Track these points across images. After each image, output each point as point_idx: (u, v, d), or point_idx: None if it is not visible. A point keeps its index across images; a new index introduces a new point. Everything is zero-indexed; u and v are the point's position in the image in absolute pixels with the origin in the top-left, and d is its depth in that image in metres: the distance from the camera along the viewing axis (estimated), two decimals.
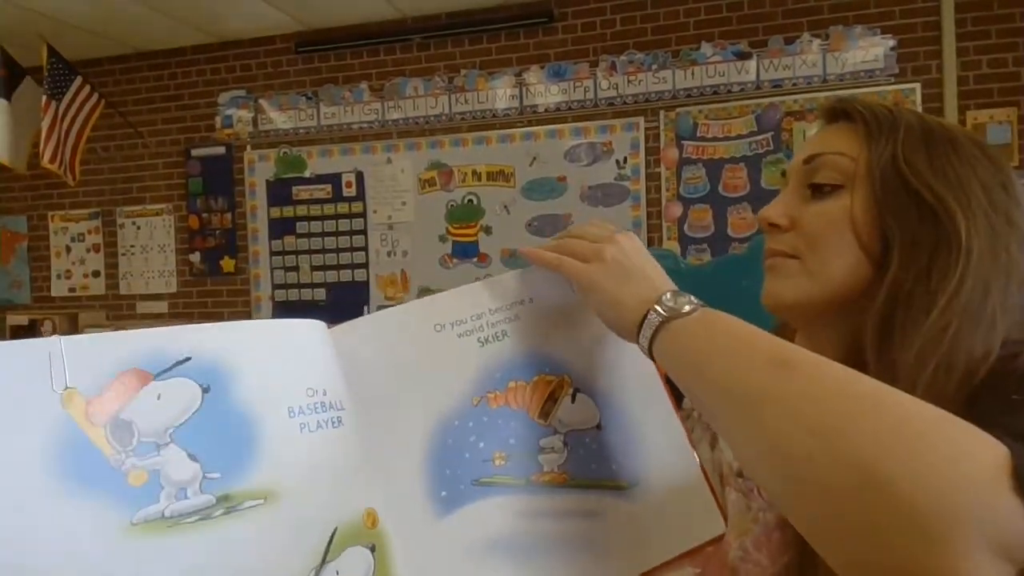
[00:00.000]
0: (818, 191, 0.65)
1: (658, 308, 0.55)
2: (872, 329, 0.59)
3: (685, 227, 3.83)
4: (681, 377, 0.54)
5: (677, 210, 3.83)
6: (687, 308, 0.54)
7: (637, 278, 0.57)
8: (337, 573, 0.50)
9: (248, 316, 4.39)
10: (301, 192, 4.36)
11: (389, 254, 4.24)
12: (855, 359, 0.58)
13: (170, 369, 0.47)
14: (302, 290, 4.34)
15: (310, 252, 4.32)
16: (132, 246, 4.64)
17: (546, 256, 0.62)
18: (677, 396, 0.73)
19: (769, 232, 0.68)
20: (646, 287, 0.57)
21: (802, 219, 0.65)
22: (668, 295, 0.56)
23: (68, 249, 4.78)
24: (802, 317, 0.68)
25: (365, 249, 4.27)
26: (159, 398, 0.46)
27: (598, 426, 0.63)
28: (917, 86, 3.50)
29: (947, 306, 0.57)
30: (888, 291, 0.59)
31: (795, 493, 0.45)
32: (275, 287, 4.37)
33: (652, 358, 0.56)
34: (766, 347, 0.49)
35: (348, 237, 4.28)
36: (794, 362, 0.47)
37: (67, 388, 0.43)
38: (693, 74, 3.79)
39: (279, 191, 4.39)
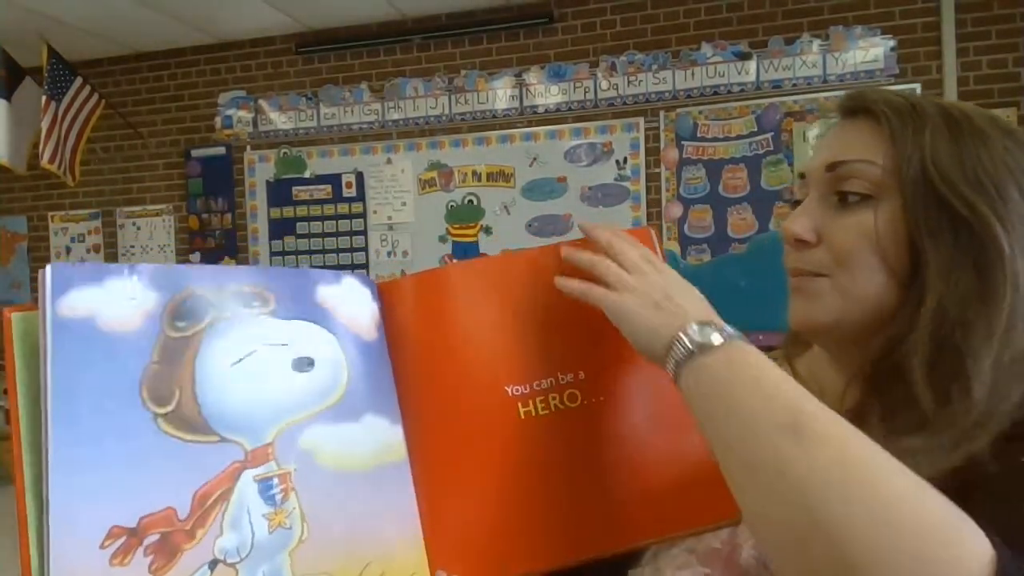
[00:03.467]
0: (845, 200, 0.61)
1: (683, 339, 0.54)
2: (922, 361, 0.55)
3: (685, 227, 3.83)
4: (697, 417, 0.54)
5: (677, 210, 3.83)
6: (716, 340, 0.53)
7: (669, 307, 0.56)
8: None
9: None
10: (301, 192, 4.36)
11: (389, 254, 4.24)
12: (873, 383, 0.58)
13: None
14: None
15: (310, 252, 4.32)
16: (132, 247, 4.64)
17: (571, 284, 0.61)
18: None
19: (795, 248, 0.63)
20: (678, 315, 0.55)
21: (831, 233, 0.61)
22: (695, 326, 0.54)
23: (68, 250, 4.78)
24: (833, 340, 0.65)
25: (365, 249, 4.27)
26: None
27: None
28: (917, 86, 3.50)
29: (1005, 338, 0.54)
30: (934, 317, 0.55)
31: (778, 561, 0.49)
32: None
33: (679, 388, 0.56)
34: (781, 406, 0.49)
35: (348, 237, 4.28)
36: (804, 431, 0.47)
37: None
38: (693, 74, 3.79)
39: (279, 191, 4.39)
